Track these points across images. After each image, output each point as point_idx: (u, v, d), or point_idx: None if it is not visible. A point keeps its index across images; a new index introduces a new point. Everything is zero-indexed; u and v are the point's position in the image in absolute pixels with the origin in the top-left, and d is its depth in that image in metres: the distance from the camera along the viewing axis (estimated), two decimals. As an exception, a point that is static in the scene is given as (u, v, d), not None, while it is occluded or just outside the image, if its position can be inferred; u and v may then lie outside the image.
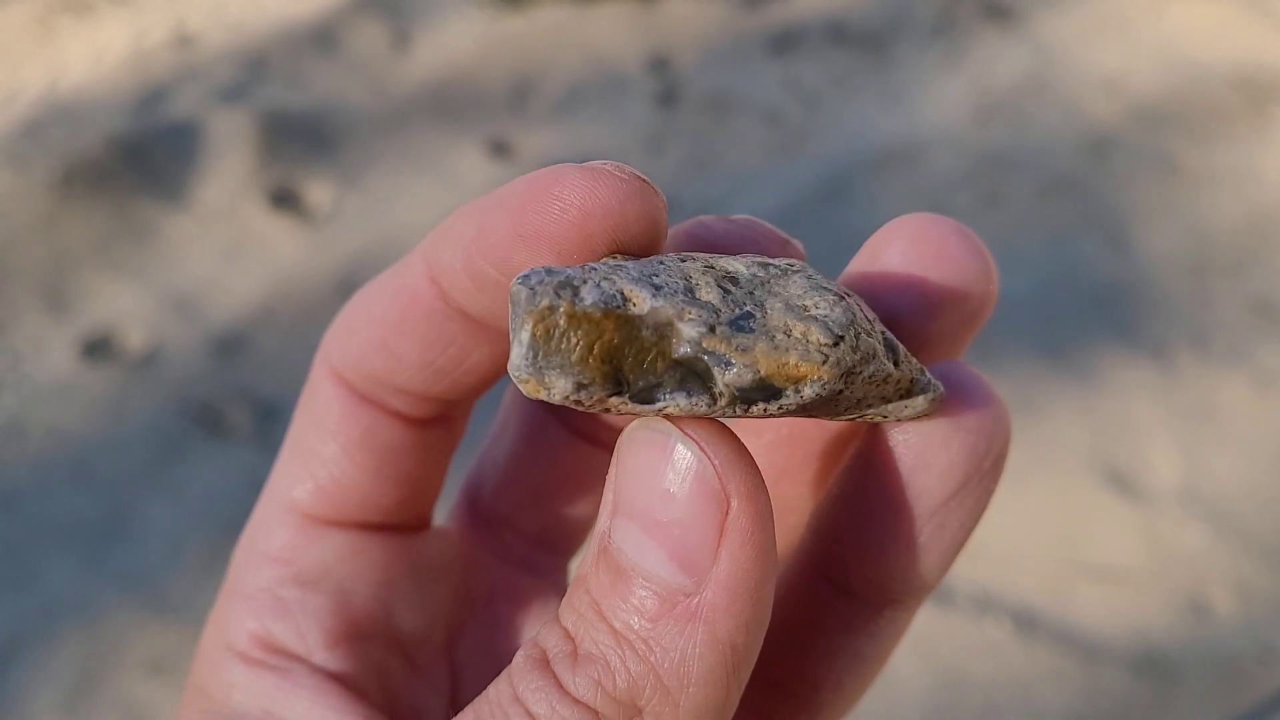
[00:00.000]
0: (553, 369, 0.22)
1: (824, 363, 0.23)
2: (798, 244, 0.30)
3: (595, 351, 0.22)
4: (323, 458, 0.31)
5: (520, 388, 0.23)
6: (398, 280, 0.29)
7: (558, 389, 0.22)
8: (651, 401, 0.23)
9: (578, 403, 0.23)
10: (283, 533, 0.31)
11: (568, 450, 0.35)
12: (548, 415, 0.35)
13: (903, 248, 0.29)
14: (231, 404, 1.69)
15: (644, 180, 0.25)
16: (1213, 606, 1.44)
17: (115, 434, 1.65)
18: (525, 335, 0.22)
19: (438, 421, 0.32)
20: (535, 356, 0.22)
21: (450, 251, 0.27)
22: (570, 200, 0.24)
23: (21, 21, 2.44)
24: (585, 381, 0.22)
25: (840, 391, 0.24)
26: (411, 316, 0.28)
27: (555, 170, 0.25)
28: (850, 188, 2.13)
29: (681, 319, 0.23)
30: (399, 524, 0.33)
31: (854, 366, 0.24)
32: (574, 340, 0.22)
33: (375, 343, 0.29)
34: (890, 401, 0.26)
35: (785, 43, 2.54)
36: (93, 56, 2.37)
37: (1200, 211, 2.11)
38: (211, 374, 1.73)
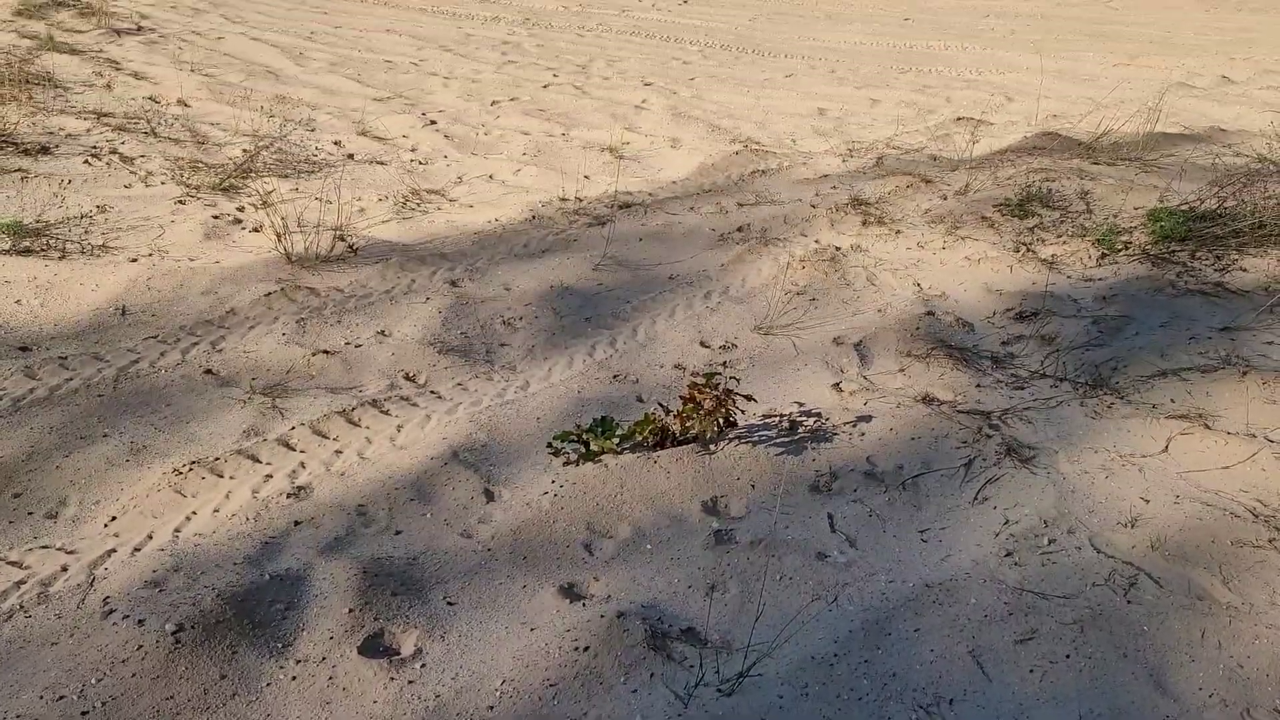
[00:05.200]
0: None
1: None
2: None
3: None
4: None
5: None
6: None
7: None
8: None
9: None
10: None
11: None
12: None
13: None
14: None
15: None
16: None
17: None
18: None
19: None
20: None
21: None
22: None
23: (157, 477, 2.80)
24: None
25: None
26: None
27: None
28: (892, 626, 2.27)
29: None
30: None
31: None
32: None
33: None
34: None
35: (827, 483, 2.80)
36: (214, 503, 2.70)
37: (1238, 647, 2.19)
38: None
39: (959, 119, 7.38)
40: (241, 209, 4.93)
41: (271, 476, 2.82)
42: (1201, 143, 6.00)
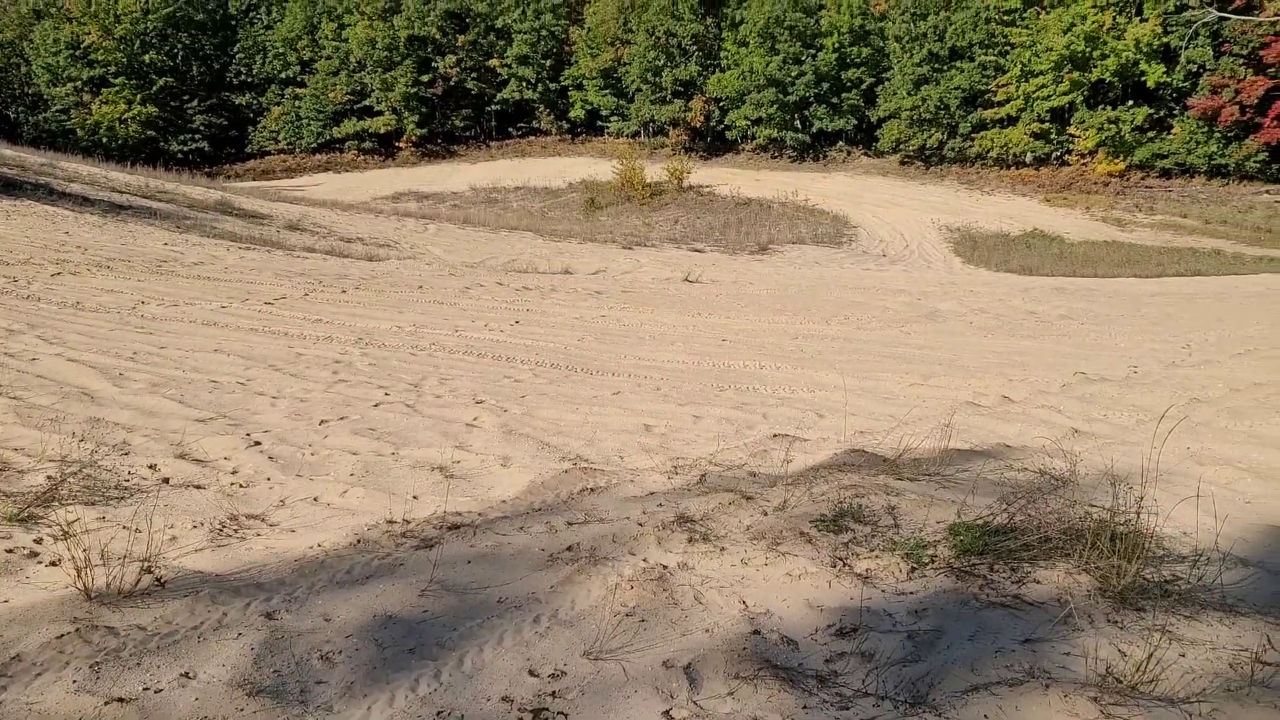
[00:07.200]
0: None
1: None
2: None
3: None
4: None
5: None
6: None
7: None
8: None
9: None
10: None
11: None
12: None
13: None
14: None
15: None
16: None
17: None
18: None
19: None
20: None
21: None
22: None
23: None
24: None
25: None
26: None
27: None
28: None
29: None
30: None
31: None
32: None
33: None
34: None
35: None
36: None
37: None
38: None
39: (775, 435, 7.85)
40: (39, 541, 4.65)
41: None
42: (990, 458, 6.55)
